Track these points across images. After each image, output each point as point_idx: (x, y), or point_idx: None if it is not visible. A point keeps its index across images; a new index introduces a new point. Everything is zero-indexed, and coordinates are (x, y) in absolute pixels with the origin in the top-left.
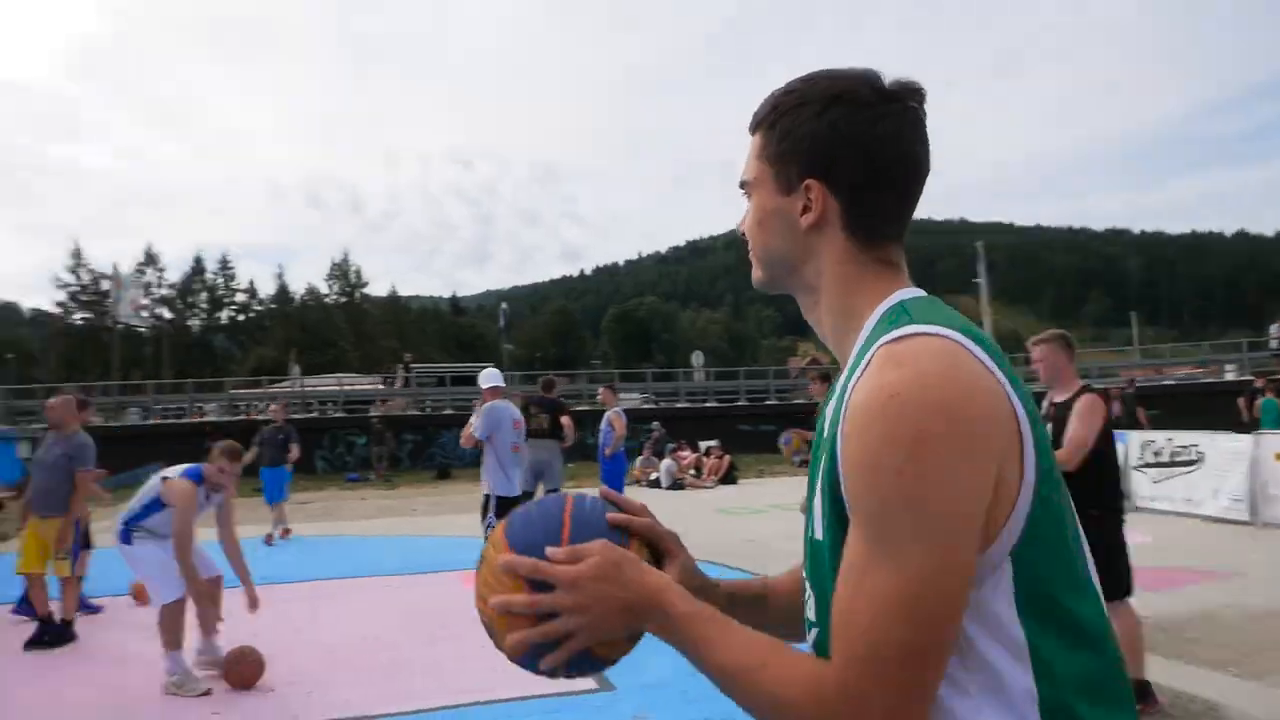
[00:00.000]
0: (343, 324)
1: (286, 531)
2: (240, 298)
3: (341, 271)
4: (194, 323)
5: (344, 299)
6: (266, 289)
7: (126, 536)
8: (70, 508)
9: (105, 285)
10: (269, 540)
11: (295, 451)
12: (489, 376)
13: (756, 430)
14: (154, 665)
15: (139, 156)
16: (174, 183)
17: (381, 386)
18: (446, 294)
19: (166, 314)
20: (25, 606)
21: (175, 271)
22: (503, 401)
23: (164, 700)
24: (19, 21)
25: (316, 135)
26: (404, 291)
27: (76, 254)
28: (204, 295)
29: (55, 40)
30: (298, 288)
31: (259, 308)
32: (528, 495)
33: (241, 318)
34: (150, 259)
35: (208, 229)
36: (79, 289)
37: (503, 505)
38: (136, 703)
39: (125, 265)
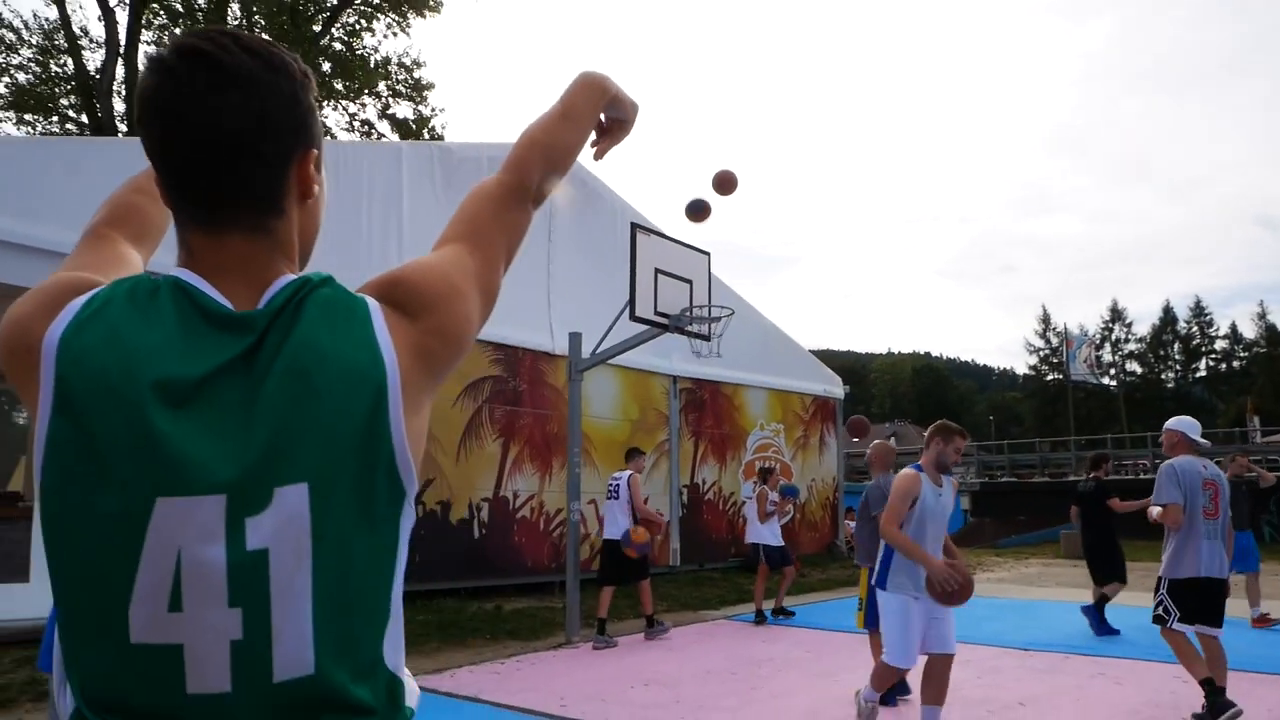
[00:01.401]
0: None
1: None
2: (1220, 345)
3: None
4: (1167, 375)
5: None
6: (1249, 333)
7: None
8: None
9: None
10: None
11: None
12: None
13: None
14: None
15: (1106, 218)
16: (1142, 237)
17: None
18: None
19: (1137, 369)
20: None
21: (1144, 325)
22: None
23: None
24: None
25: None
26: None
27: (1045, 319)
28: (1176, 347)
29: (1032, 125)
30: None
31: (1244, 354)
32: None
33: (1223, 367)
34: (1116, 315)
35: (1182, 277)
36: (1049, 351)
37: None
38: None
39: (1091, 326)
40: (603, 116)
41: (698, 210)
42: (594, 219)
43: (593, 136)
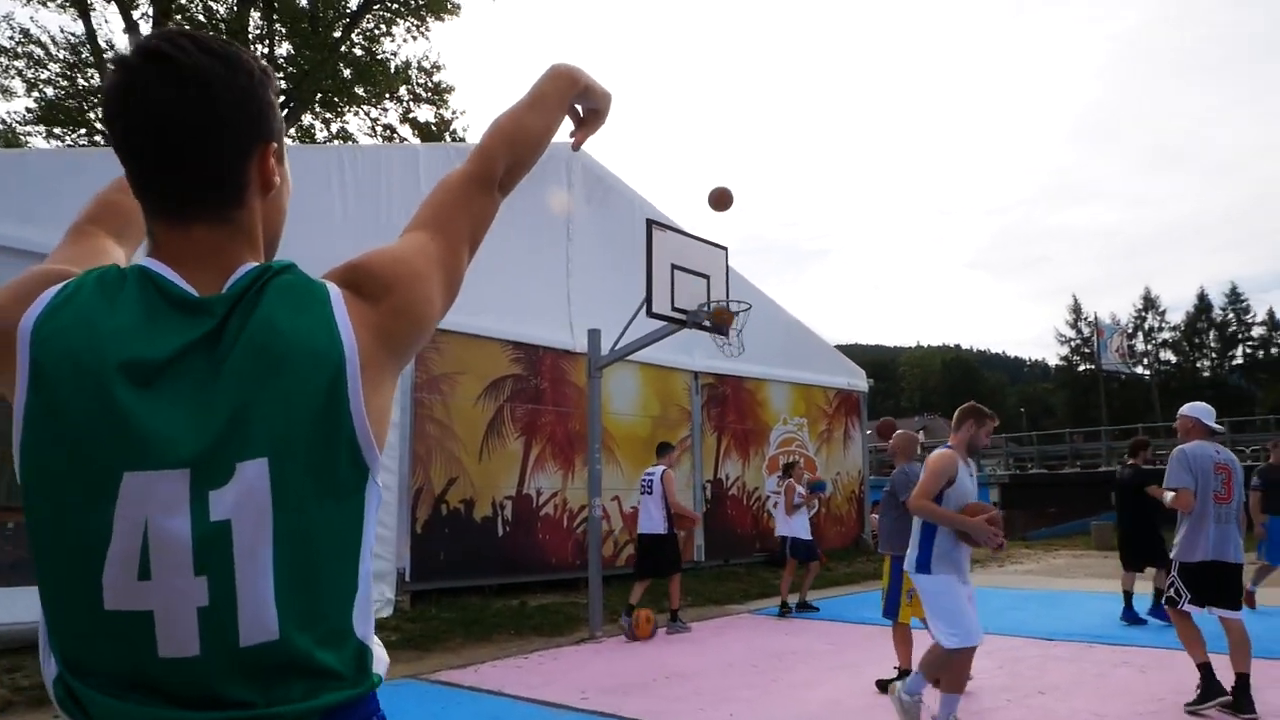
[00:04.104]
0: None
1: None
2: (1257, 332)
3: None
4: (1203, 364)
5: None
6: None
7: None
8: None
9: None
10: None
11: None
12: None
13: None
14: None
15: (1138, 205)
16: (1174, 225)
17: None
18: None
19: (1172, 358)
20: None
21: (1178, 313)
22: None
23: None
24: (1030, 101)
25: None
26: None
27: (1076, 309)
28: (1212, 334)
29: (1060, 112)
30: None
31: None
32: None
33: (1261, 354)
34: (1149, 304)
35: (1217, 264)
36: (1080, 342)
37: None
38: None
39: (1124, 315)
40: (579, 107)
41: (720, 199)
42: (611, 215)
43: (572, 128)
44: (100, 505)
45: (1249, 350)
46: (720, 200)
